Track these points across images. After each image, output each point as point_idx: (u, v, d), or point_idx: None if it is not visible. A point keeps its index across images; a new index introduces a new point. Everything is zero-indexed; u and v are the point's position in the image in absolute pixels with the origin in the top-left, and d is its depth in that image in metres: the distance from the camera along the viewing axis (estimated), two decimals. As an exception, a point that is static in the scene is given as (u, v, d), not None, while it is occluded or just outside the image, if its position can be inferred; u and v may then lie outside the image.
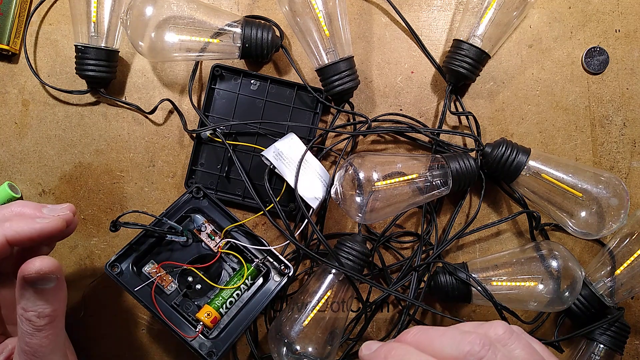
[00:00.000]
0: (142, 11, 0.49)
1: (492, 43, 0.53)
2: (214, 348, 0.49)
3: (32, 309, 0.37)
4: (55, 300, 0.38)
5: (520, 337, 0.33)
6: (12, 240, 0.38)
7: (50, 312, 0.38)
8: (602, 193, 0.49)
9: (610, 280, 0.52)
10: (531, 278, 0.50)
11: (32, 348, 0.37)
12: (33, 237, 0.39)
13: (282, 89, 0.56)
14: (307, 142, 0.54)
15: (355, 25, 0.58)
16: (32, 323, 0.37)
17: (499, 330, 0.33)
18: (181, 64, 0.57)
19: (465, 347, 0.30)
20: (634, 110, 0.57)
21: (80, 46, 0.53)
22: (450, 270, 0.52)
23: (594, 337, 0.53)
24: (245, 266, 0.52)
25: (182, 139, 0.57)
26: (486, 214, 0.57)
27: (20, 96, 0.57)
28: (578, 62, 0.57)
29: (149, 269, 0.52)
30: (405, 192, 0.50)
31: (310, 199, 0.51)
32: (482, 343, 0.30)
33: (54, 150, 0.57)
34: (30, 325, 0.37)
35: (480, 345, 0.30)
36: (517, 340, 0.32)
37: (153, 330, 0.57)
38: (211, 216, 0.53)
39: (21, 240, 0.39)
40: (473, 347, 0.30)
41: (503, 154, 0.51)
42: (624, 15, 0.57)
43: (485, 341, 0.30)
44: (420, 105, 0.58)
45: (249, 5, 0.58)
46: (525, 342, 0.32)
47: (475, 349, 0.30)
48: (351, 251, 0.51)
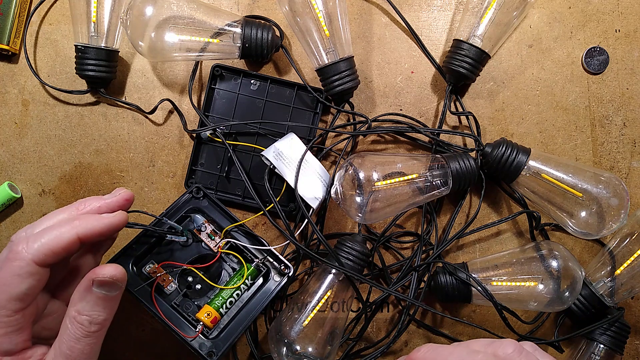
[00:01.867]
0: (142, 11, 0.49)
1: (492, 43, 0.53)
2: (214, 348, 0.49)
3: (88, 313, 0.38)
4: (109, 310, 0.39)
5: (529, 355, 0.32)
6: (83, 237, 0.39)
7: (102, 321, 0.38)
8: (602, 193, 0.49)
9: (610, 280, 0.52)
10: (531, 278, 0.50)
11: (74, 353, 0.37)
12: (103, 233, 0.40)
13: (282, 89, 0.56)
14: (307, 142, 0.54)
15: (355, 25, 0.58)
16: (83, 328, 0.37)
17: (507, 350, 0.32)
18: (181, 64, 0.57)
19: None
20: (634, 110, 0.57)
21: (80, 46, 0.53)
22: (450, 270, 0.52)
23: (594, 337, 0.53)
24: (245, 266, 0.52)
25: (182, 139, 0.57)
26: (486, 214, 0.57)
27: (20, 96, 0.57)
28: (578, 62, 0.57)
29: (149, 269, 0.52)
30: (405, 192, 0.50)
31: (310, 199, 0.51)
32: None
33: (54, 150, 0.57)
34: (81, 330, 0.37)
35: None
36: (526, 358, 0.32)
37: (153, 330, 0.57)
38: (211, 216, 0.53)
39: (92, 236, 0.39)
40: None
41: (503, 154, 0.51)
42: (624, 15, 0.57)
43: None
44: (420, 105, 0.58)
45: (249, 5, 0.58)
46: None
47: None
48: (351, 251, 0.51)
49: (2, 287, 0.37)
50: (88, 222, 0.40)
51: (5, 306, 0.37)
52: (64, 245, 0.38)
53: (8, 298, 0.37)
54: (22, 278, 0.37)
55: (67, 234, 0.38)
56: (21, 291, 0.37)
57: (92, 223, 0.40)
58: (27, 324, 0.38)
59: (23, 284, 0.37)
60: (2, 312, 0.37)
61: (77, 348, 0.37)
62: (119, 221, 0.41)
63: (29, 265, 0.37)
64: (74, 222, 0.39)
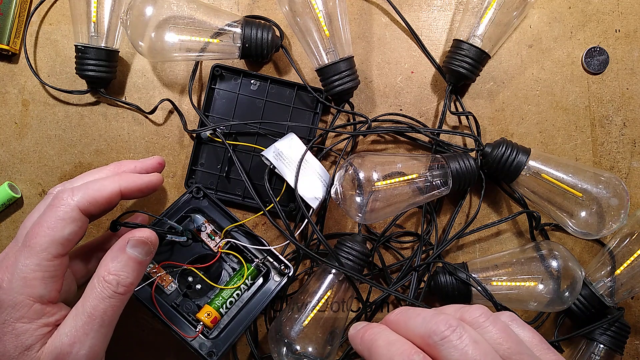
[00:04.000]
0: (142, 11, 0.49)
1: (492, 43, 0.53)
2: (214, 348, 0.49)
3: (117, 272, 0.39)
4: (136, 274, 0.40)
5: (497, 321, 0.32)
6: (124, 190, 0.43)
7: (129, 284, 0.40)
8: (602, 193, 0.49)
9: (610, 280, 0.52)
10: (531, 278, 0.50)
11: (97, 312, 0.38)
12: (142, 189, 0.45)
13: (282, 89, 0.56)
14: (307, 142, 0.54)
15: (355, 25, 0.58)
16: (111, 287, 0.38)
17: (474, 313, 0.33)
18: (181, 64, 0.57)
19: (432, 327, 0.31)
20: (634, 110, 0.57)
21: (80, 46, 0.53)
22: (450, 270, 0.52)
23: (594, 337, 0.53)
24: (245, 266, 0.52)
25: (182, 139, 0.57)
26: (486, 214, 0.57)
27: (20, 96, 0.57)
28: (578, 62, 0.57)
29: (149, 269, 0.52)
30: (405, 192, 0.50)
31: (310, 199, 0.51)
32: (448, 324, 0.30)
33: (54, 150, 0.57)
34: (108, 289, 0.38)
35: (446, 325, 0.30)
36: (492, 323, 0.32)
37: (153, 330, 0.57)
38: (211, 216, 0.53)
39: (132, 191, 0.44)
40: (438, 327, 0.30)
41: (503, 154, 0.51)
42: (624, 15, 0.57)
43: (452, 322, 0.30)
44: (420, 105, 0.58)
45: (249, 5, 0.58)
46: (502, 326, 0.32)
47: (440, 329, 0.30)
48: (351, 251, 0.51)
49: (46, 231, 0.38)
50: (129, 178, 0.44)
51: (47, 249, 0.38)
52: (107, 195, 0.41)
53: (51, 241, 0.38)
54: (66, 222, 0.39)
55: (110, 186, 0.42)
56: (63, 235, 0.39)
57: (133, 179, 0.44)
58: (61, 274, 0.40)
59: (66, 228, 0.39)
60: (43, 255, 0.38)
61: (101, 308, 0.38)
62: (157, 180, 0.46)
63: (74, 210, 0.39)
64: (115, 177, 0.43)
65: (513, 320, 0.35)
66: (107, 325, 0.39)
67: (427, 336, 0.31)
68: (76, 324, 0.38)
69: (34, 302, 0.38)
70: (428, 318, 0.32)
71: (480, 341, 0.30)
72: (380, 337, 0.34)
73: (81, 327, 0.38)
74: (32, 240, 0.38)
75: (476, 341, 0.30)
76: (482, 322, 0.32)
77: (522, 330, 0.34)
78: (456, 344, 0.30)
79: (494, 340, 0.31)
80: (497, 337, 0.31)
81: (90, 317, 0.38)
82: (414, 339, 0.32)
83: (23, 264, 0.38)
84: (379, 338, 0.33)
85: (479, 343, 0.30)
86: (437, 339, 0.30)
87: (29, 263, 0.38)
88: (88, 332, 0.38)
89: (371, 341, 0.34)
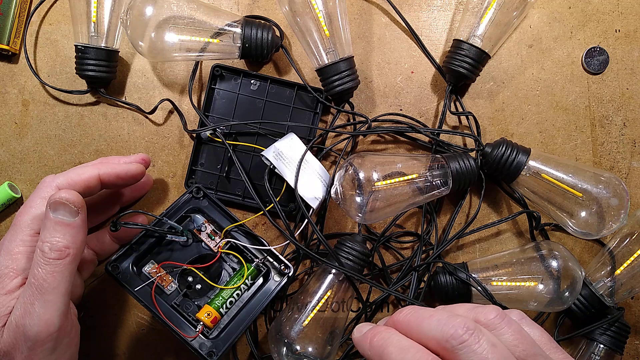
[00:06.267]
0: (142, 11, 0.49)
1: (492, 43, 0.53)
2: (214, 348, 0.49)
3: (47, 239, 0.40)
4: (71, 238, 0.40)
5: (511, 322, 0.32)
6: (103, 175, 0.46)
7: (62, 247, 0.40)
8: (602, 193, 0.49)
9: (610, 280, 0.52)
10: (531, 278, 0.50)
11: (37, 280, 0.39)
12: (121, 176, 0.47)
13: (282, 89, 0.56)
14: (307, 142, 0.54)
15: (355, 25, 0.58)
16: (44, 254, 0.39)
17: (489, 315, 0.32)
18: (181, 64, 0.57)
19: (449, 331, 0.30)
20: (634, 110, 0.57)
21: (80, 46, 0.53)
22: (450, 270, 0.52)
23: (594, 337, 0.53)
24: (245, 266, 0.52)
25: (182, 139, 0.57)
26: (486, 214, 0.57)
27: (20, 96, 0.57)
28: (578, 62, 0.57)
29: (149, 269, 0.52)
30: (405, 192, 0.50)
31: (310, 199, 0.51)
32: (466, 327, 0.30)
33: (54, 150, 0.57)
34: (42, 256, 0.39)
35: (464, 329, 0.29)
36: (507, 325, 0.31)
37: (153, 330, 0.57)
38: (211, 216, 0.53)
39: (110, 178, 0.46)
40: (456, 331, 0.30)
41: (503, 154, 0.51)
42: (624, 15, 0.57)
43: (470, 325, 0.30)
44: (420, 105, 0.58)
45: (249, 5, 0.58)
46: (517, 328, 0.31)
47: (459, 332, 0.29)
48: (351, 251, 0.51)
49: (29, 209, 0.43)
50: (109, 165, 0.47)
51: (29, 225, 0.43)
52: (86, 178, 0.45)
53: (32, 217, 0.43)
54: (45, 201, 0.42)
55: (88, 172, 0.45)
56: (42, 212, 0.42)
57: (112, 165, 0.47)
58: None
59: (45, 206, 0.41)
60: (27, 231, 0.42)
61: (40, 276, 0.39)
62: (136, 169, 0.48)
63: (54, 190, 0.43)
64: (95, 164, 0.47)
65: (522, 319, 0.34)
66: (51, 292, 0.39)
67: (444, 340, 0.30)
68: (24, 296, 0.40)
69: (16, 276, 0.41)
70: (444, 320, 0.31)
71: (497, 344, 0.30)
72: (391, 343, 0.32)
73: (28, 297, 0.39)
74: (17, 219, 0.43)
75: (494, 344, 0.29)
76: (497, 324, 0.32)
77: (532, 329, 0.34)
78: (475, 349, 0.29)
79: (510, 342, 0.31)
80: (512, 339, 0.31)
81: (32, 287, 0.39)
82: (427, 342, 0.31)
83: (9, 240, 0.43)
84: (390, 344, 0.32)
85: (496, 346, 0.29)
86: (455, 344, 0.29)
87: (14, 239, 0.42)
88: (33, 301, 0.39)
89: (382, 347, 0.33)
